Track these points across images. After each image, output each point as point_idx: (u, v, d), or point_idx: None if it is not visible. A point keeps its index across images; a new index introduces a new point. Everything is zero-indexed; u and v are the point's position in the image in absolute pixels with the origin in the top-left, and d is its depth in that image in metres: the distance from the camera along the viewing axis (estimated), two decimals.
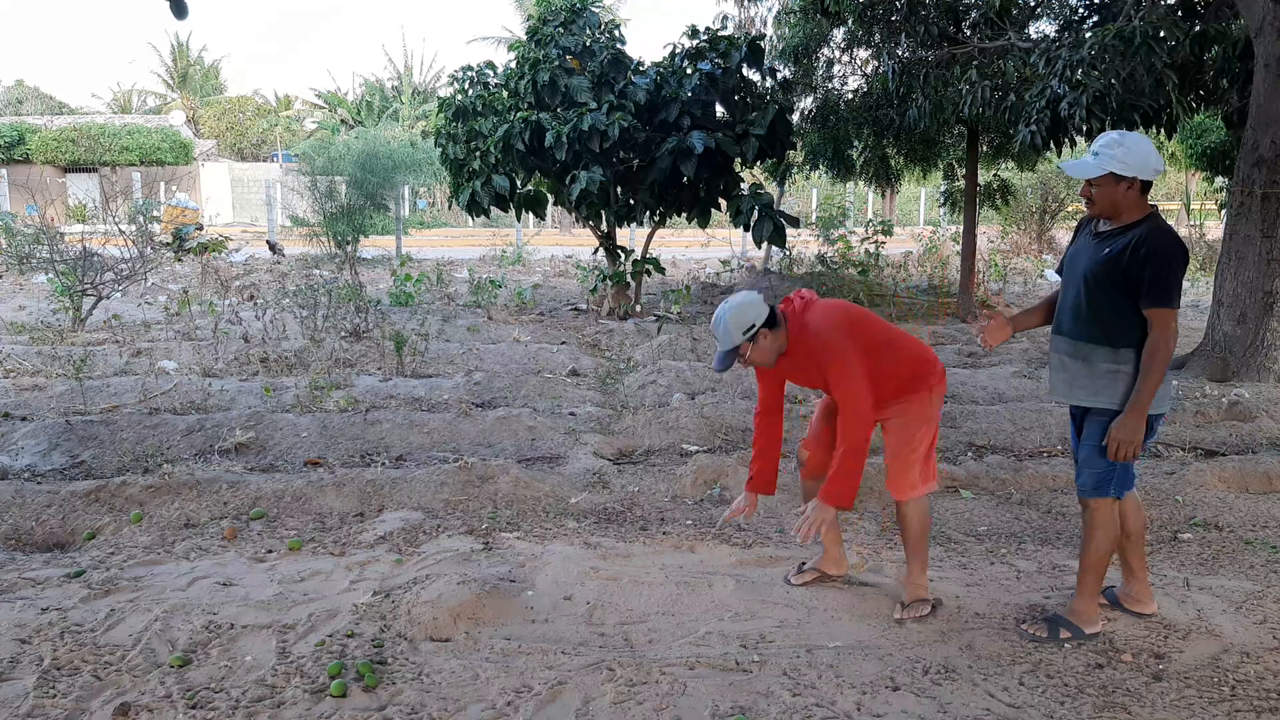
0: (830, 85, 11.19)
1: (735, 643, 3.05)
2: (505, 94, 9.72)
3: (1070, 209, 18.93)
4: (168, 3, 3.83)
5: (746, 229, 9.34)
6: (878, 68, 10.06)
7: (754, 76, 9.90)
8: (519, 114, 9.02)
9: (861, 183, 13.80)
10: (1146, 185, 2.95)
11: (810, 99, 11.26)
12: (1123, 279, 2.93)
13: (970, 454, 5.41)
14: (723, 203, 9.76)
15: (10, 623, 3.05)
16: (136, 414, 5.68)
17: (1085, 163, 2.98)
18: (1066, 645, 3.04)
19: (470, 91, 9.94)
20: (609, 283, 10.05)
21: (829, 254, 12.88)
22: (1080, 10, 8.97)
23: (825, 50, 11.05)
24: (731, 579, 3.53)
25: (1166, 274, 2.89)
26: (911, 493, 3.25)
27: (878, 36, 9.69)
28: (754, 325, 3.10)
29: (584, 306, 10.67)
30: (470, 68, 10.12)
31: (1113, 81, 6.72)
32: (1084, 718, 2.64)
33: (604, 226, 10.17)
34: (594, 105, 8.81)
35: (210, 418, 5.50)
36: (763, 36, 10.69)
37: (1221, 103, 8.17)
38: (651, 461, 5.19)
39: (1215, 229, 17.45)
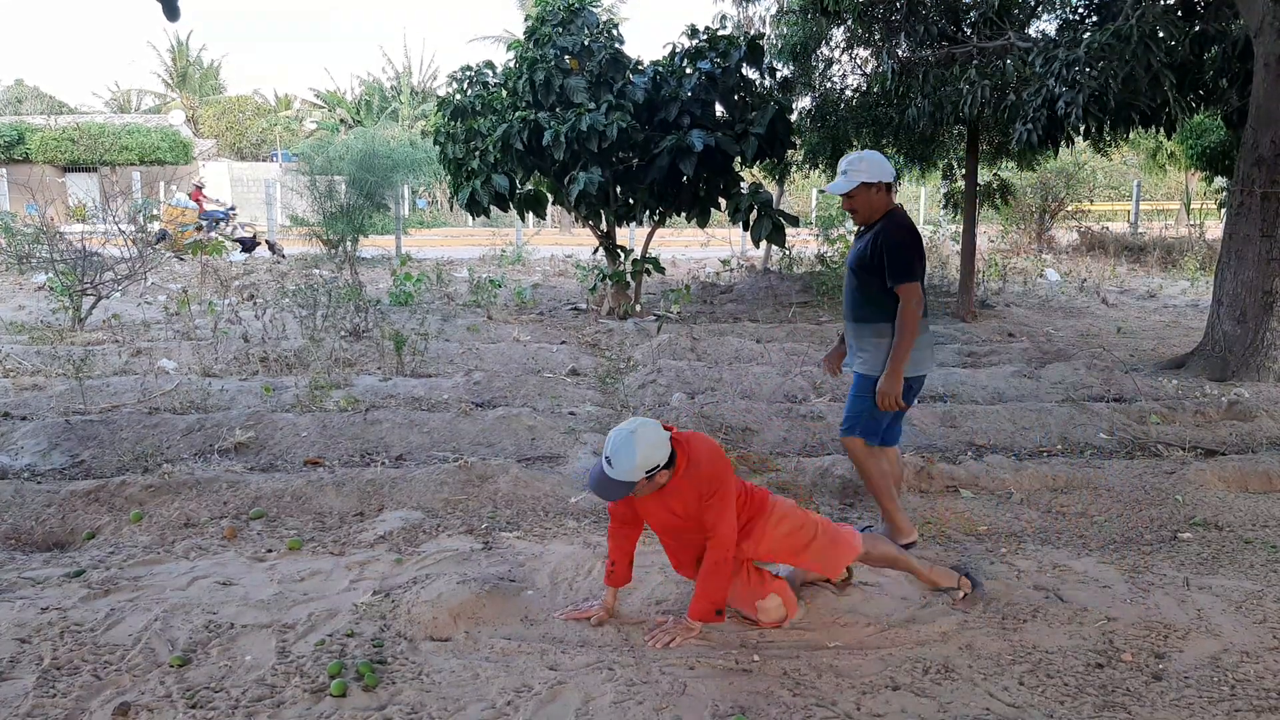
0: (829, 84, 11.19)
1: (735, 643, 3.05)
2: (504, 94, 9.72)
3: (1070, 209, 18.93)
4: (160, 4, 3.83)
5: (746, 228, 9.34)
6: (877, 67, 10.06)
7: (753, 76, 9.91)
8: (517, 114, 9.03)
9: None
10: (889, 186, 3.67)
11: (809, 98, 11.26)
12: (873, 267, 3.65)
13: (970, 454, 5.40)
14: (722, 202, 9.76)
15: (10, 622, 3.05)
16: (136, 413, 5.68)
17: (840, 183, 3.67)
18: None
19: (469, 91, 9.95)
20: (609, 282, 10.05)
21: (829, 254, 12.88)
22: (1080, 10, 8.97)
23: (824, 49, 11.05)
24: None
25: (900, 256, 3.59)
26: (845, 561, 3.19)
27: (877, 35, 9.69)
28: (658, 465, 2.91)
29: (584, 306, 10.67)
30: (469, 67, 10.12)
31: (1110, 81, 6.71)
32: (1084, 718, 2.64)
33: (604, 226, 10.18)
34: (592, 105, 8.81)
35: (210, 417, 5.49)
36: (762, 36, 10.69)
37: (1221, 103, 8.17)
38: None
39: (1215, 229, 17.45)
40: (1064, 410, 6.00)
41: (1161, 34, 6.80)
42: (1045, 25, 9.76)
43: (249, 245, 16.58)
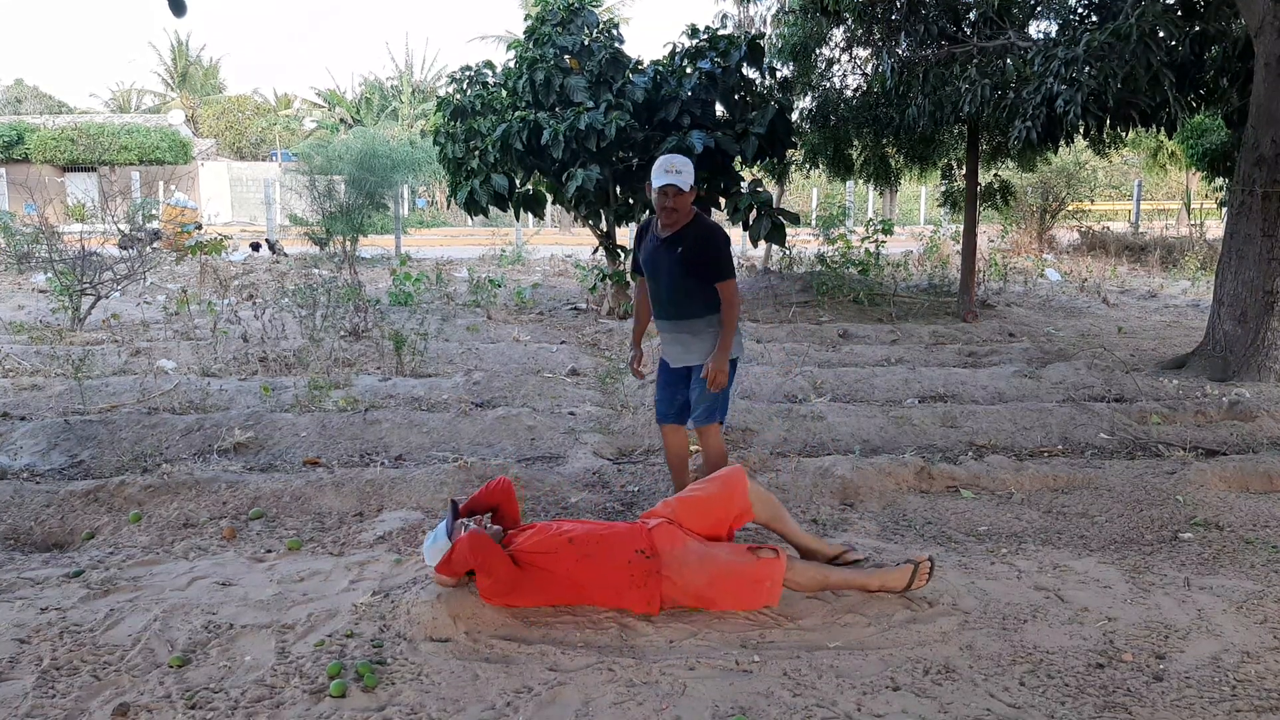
0: (830, 84, 11.19)
1: (735, 643, 3.05)
2: (504, 93, 9.72)
3: (1071, 208, 18.94)
4: (167, 0, 3.83)
5: (745, 228, 9.33)
6: (877, 66, 10.06)
7: (753, 75, 9.90)
8: (517, 114, 9.02)
9: (861, 182, 13.82)
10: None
11: (810, 98, 11.26)
12: (695, 267, 3.90)
13: (970, 454, 5.40)
14: (722, 201, 9.75)
15: (9, 623, 3.05)
16: (135, 414, 5.67)
17: (684, 179, 3.83)
18: None
19: (469, 91, 9.94)
20: (608, 282, 10.04)
21: (829, 253, 12.88)
22: (1080, 9, 8.97)
23: (825, 49, 11.05)
24: None
25: (720, 256, 3.92)
26: (769, 594, 3.25)
27: (877, 35, 9.69)
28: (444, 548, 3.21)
29: (584, 306, 10.67)
30: (469, 67, 10.12)
31: (1109, 80, 6.71)
32: (1084, 718, 2.64)
33: (603, 226, 10.17)
34: (591, 104, 8.80)
35: (209, 417, 5.49)
36: (762, 35, 10.70)
37: (1222, 102, 8.17)
38: (651, 461, 5.19)
39: (1216, 228, 17.45)
40: (1065, 410, 5.99)
41: (1161, 33, 6.79)
42: (1046, 25, 9.76)
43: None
